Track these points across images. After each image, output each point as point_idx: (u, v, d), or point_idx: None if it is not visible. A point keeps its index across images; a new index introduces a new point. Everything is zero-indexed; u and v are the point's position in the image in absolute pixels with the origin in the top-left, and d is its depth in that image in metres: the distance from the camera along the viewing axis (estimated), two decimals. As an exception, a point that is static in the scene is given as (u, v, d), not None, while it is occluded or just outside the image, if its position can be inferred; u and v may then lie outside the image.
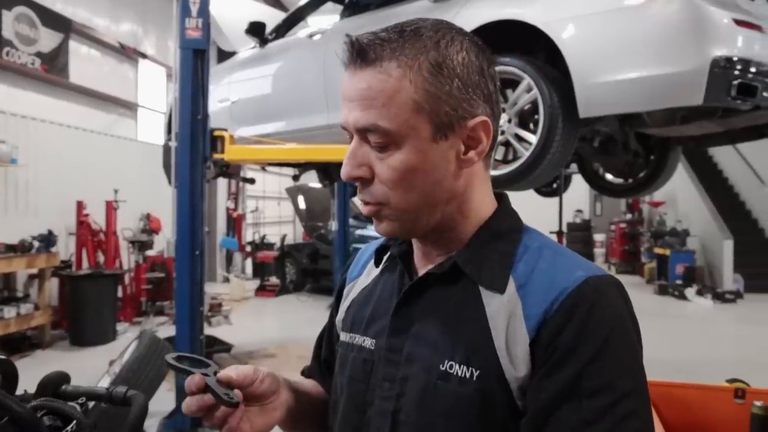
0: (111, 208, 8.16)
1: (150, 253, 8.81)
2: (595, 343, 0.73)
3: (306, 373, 1.12)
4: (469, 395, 0.76)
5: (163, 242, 9.05)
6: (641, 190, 4.77)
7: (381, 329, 0.89)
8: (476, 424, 0.76)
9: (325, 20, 5.03)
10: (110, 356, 4.89)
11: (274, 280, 11.48)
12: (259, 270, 11.70)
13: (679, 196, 12.60)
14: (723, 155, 13.67)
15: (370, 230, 10.26)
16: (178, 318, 4.24)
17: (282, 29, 5.06)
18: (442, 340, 0.81)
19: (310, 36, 4.72)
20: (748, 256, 11.26)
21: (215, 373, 0.85)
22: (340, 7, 4.91)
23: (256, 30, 4.97)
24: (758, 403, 1.48)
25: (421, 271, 0.89)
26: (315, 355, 1.12)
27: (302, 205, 11.89)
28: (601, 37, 3.19)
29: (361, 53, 0.79)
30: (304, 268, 11.28)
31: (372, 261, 1.01)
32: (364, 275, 1.02)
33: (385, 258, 0.97)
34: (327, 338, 1.09)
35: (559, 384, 0.72)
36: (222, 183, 12.23)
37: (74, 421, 0.96)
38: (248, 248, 12.97)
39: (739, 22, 3.03)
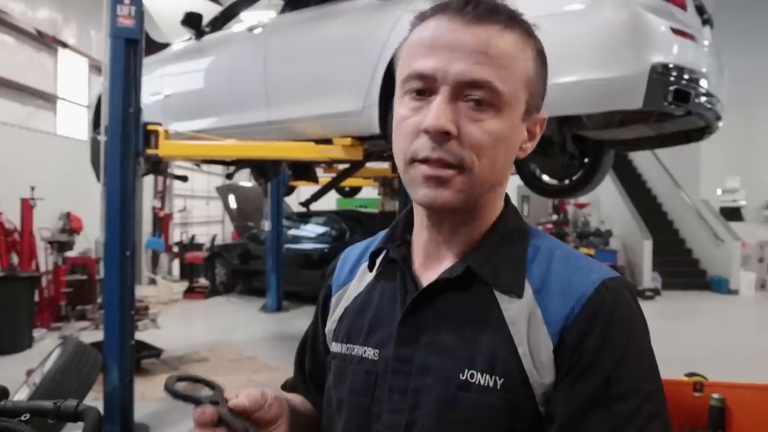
0: (27, 206, 7.68)
1: (70, 254, 8.37)
2: (619, 347, 0.72)
3: (289, 387, 1.05)
4: (493, 404, 0.73)
5: (85, 243, 8.64)
6: (576, 191, 4.88)
7: (385, 339, 0.83)
8: None
9: (260, 15, 4.92)
10: (27, 365, 4.60)
11: (203, 281, 11.16)
12: (187, 271, 11.35)
13: (602, 198, 13.13)
14: (642, 160, 14.37)
15: (304, 230, 10.15)
16: (107, 322, 4.03)
17: (219, 21, 4.90)
18: (459, 349, 0.76)
19: (250, 29, 4.59)
20: (665, 255, 11.89)
21: (226, 401, 0.77)
22: (276, 2, 4.81)
23: (192, 21, 4.80)
24: (716, 396, 1.54)
25: (422, 276, 0.84)
26: (297, 369, 1.05)
27: (233, 204, 11.64)
28: (547, 39, 3.24)
29: (481, 6, 0.75)
30: (234, 269, 11.03)
31: (362, 266, 0.95)
32: (354, 281, 0.94)
33: (379, 262, 0.91)
34: (311, 350, 1.02)
35: (588, 390, 0.71)
36: (148, 181, 11.79)
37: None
38: (175, 249, 12.56)
39: (675, 31, 3.14)
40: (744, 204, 13.17)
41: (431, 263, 0.84)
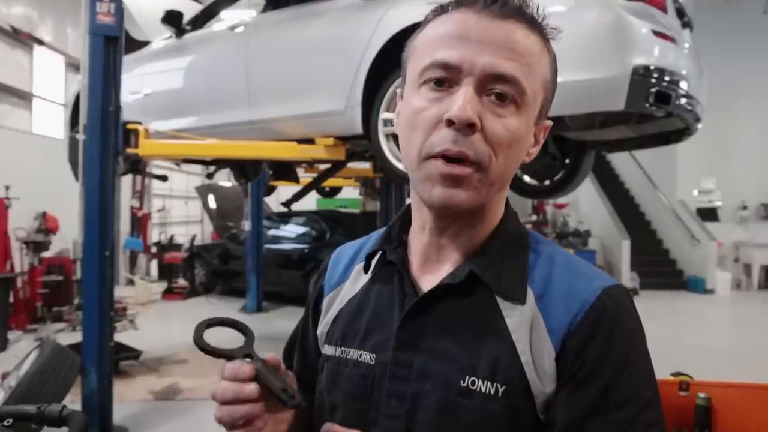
0: (2, 205, 7.53)
1: (46, 254, 8.23)
2: (620, 355, 0.73)
3: None
4: (494, 412, 0.72)
5: (61, 243, 8.49)
6: (557, 192, 4.92)
7: (382, 342, 0.81)
8: None
9: (241, 14, 4.88)
10: (2, 368, 4.50)
11: (182, 282, 11.03)
12: (166, 272, 11.21)
13: (581, 199, 13.25)
14: (620, 161, 14.53)
15: (284, 230, 10.10)
16: (86, 324, 3.97)
17: (200, 20, 4.86)
18: (460, 355, 0.76)
19: (232, 28, 4.55)
20: (642, 255, 12.04)
21: (261, 360, 0.76)
22: (256, 1, 4.78)
23: (172, 19, 4.74)
24: (702, 395, 1.55)
25: (421, 279, 0.83)
26: None
27: (212, 204, 11.54)
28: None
29: (520, 7, 0.76)
30: (214, 269, 10.93)
31: (356, 267, 0.93)
32: (349, 283, 0.92)
33: (374, 264, 0.89)
34: (300, 352, 1.00)
35: (590, 398, 0.71)
36: (126, 180, 11.64)
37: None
38: (154, 249, 12.42)
39: (656, 33, 3.18)
40: (720, 205, 13.39)
41: (430, 266, 0.83)
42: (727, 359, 6.42)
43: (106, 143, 3.88)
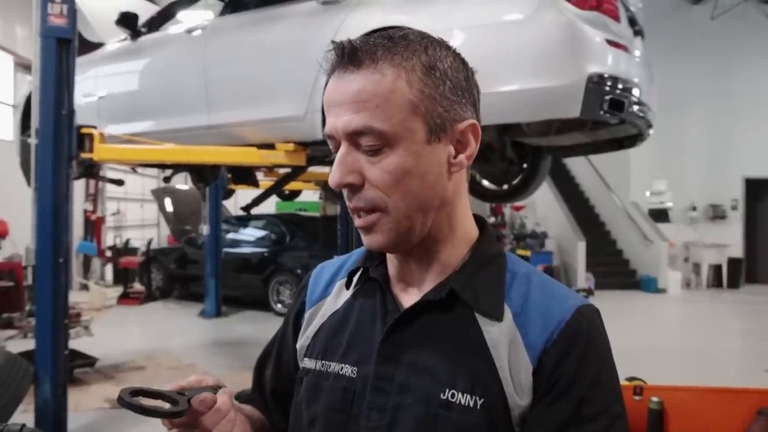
0: (-52, 210, 7.29)
1: (-5, 259, 7.97)
2: (593, 371, 0.78)
3: (242, 399, 1.03)
4: (473, 424, 0.75)
5: (12, 248, 8.23)
6: (515, 195, 5.01)
7: (364, 356, 0.84)
8: None
9: (197, 16, 4.82)
10: (-49, 378, 4.34)
11: (138, 286, 10.81)
12: (122, 276, 10.96)
13: (538, 201, 13.45)
14: (575, 164, 14.82)
15: (243, 234, 9.99)
16: (39, 332, 3.86)
17: (156, 22, 4.78)
18: (440, 369, 0.78)
19: (189, 31, 4.49)
20: (597, 255, 12.31)
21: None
22: (213, 3, 4.73)
23: (127, 21, 4.65)
24: (655, 399, 1.59)
25: (401, 295, 0.86)
26: (256, 384, 1.05)
27: (169, 207, 11.33)
28: (488, 49, 3.31)
29: (352, 55, 0.77)
30: (171, 273, 10.74)
31: (337, 283, 0.96)
32: (330, 298, 0.95)
33: (356, 280, 0.92)
34: (275, 366, 1.01)
35: (564, 411, 0.75)
36: (78, 183, 11.32)
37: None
38: (109, 253, 12.13)
39: (609, 42, 3.27)
40: (671, 206, 13.77)
41: (407, 285, 0.87)
42: (678, 359, 6.63)
43: (59, 148, 3.77)
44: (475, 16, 3.38)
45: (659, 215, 13.48)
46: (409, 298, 0.85)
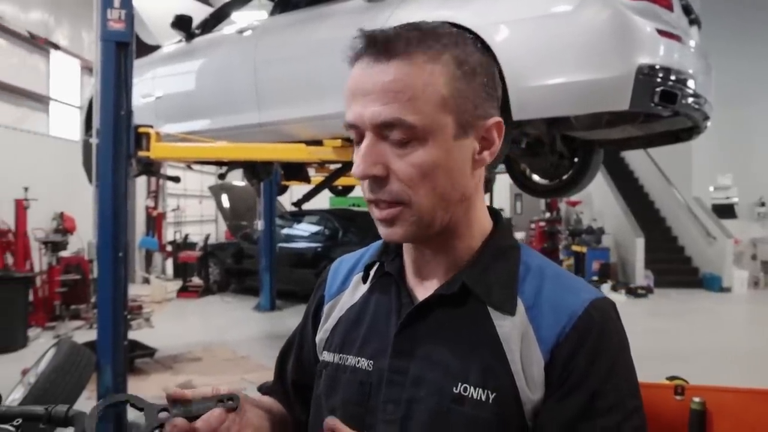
0: (21, 207, 7.69)
1: (64, 254, 8.36)
2: (607, 364, 0.77)
3: (264, 391, 1.06)
4: (485, 418, 0.76)
5: (78, 243, 8.63)
6: (566, 190, 4.91)
7: (380, 350, 0.85)
8: None
9: (250, 16, 4.92)
10: (21, 364, 4.61)
11: (196, 280, 11.15)
12: (181, 270, 11.33)
13: (595, 196, 13.16)
14: (634, 157, 14.40)
15: (297, 229, 10.15)
16: (100, 324, 4.04)
17: (209, 24, 4.91)
18: (453, 363, 0.79)
19: (240, 32, 4.60)
20: (657, 252, 11.92)
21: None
22: (266, 3, 4.82)
23: (182, 24, 4.80)
24: (697, 399, 1.54)
25: (416, 289, 0.87)
26: (278, 376, 1.06)
27: (226, 203, 11.63)
28: (534, 42, 3.26)
29: (386, 44, 0.75)
30: (228, 268, 11.03)
31: (355, 277, 0.97)
32: (348, 292, 0.96)
33: (372, 274, 0.93)
34: (296, 359, 1.03)
35: (576, 405, 0.75)
36: (141, 180, 11.77)
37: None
38: (169, 248, 12.54)
39: (661, 32, 3.17)
40: (737, 201, 13.22)
41: (422, 278, 0.87)
42: (739, 361, 6.37)
43: (118, 147, 3.93)
44: (520, 9, 3.34)
45: (724, 211, 12.96)
46: (423, 291, 0.85)
